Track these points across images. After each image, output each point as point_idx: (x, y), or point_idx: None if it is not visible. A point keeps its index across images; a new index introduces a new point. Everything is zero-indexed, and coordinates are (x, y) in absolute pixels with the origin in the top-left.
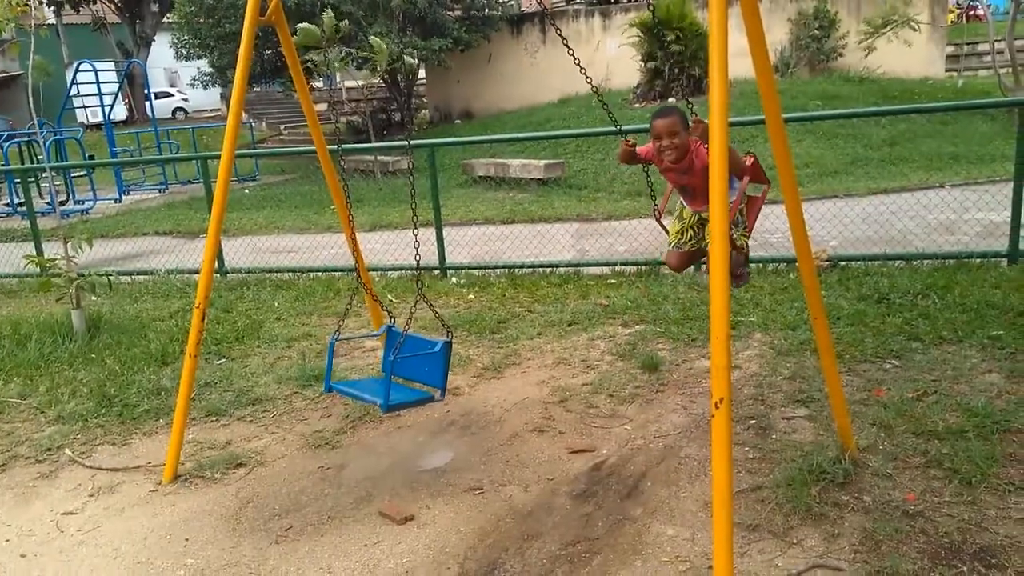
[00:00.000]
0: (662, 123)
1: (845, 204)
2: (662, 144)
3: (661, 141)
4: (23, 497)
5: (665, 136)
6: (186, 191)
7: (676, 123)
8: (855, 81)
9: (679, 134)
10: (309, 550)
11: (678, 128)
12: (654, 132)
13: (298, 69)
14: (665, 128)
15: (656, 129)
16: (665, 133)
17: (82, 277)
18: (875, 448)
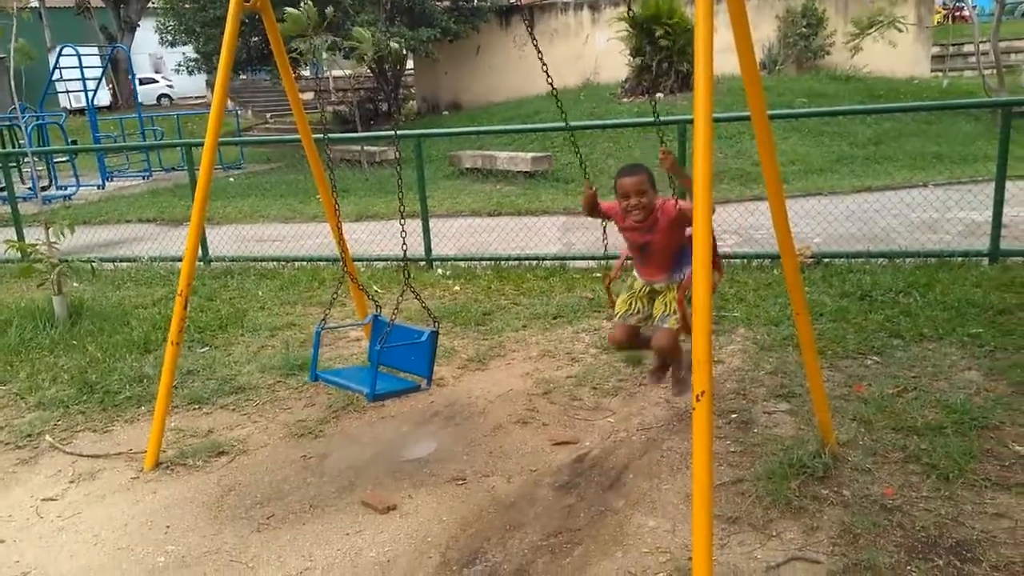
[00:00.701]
0: (630, 181)
1: (829, 202)
2: (629, 203)
3: (629, 200)
4: (2, 483)
5: (633, 195)
6: (170, 178)
7: (644, 181)
8: (842, 79)
9: (647, 192)
10: (291, 538)
11: (646, 187)
12: (621, 190)
13: (283, 56)
14: (633, 187)
15: (623, 187)
16: (633, 191)
17: (64, 263)
18: (855, 443)
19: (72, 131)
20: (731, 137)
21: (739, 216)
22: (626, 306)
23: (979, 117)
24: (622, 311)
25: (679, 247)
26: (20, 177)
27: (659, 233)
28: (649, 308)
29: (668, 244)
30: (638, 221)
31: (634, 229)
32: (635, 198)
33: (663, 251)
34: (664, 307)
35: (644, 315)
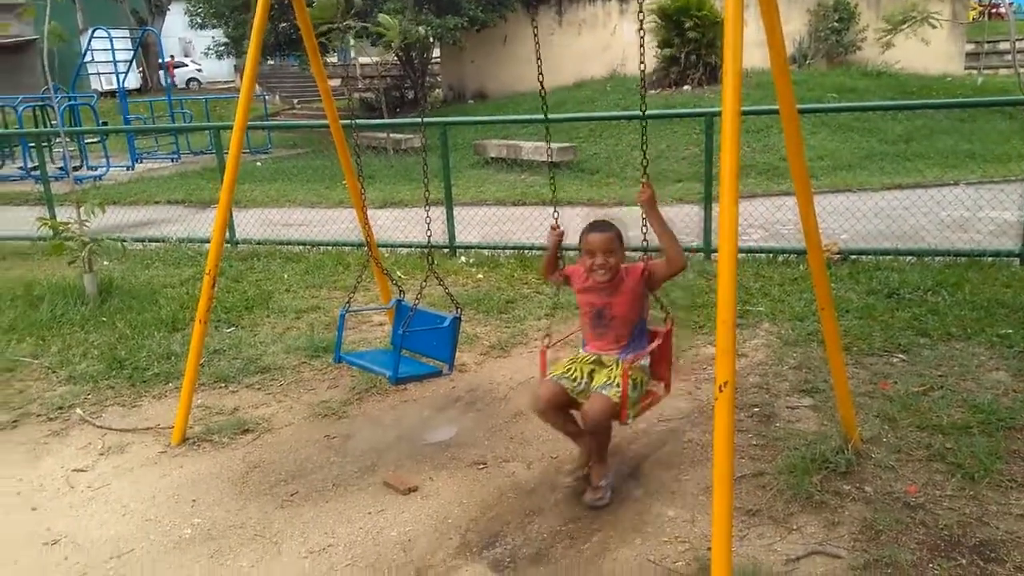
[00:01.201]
0: (599, 239)
1: (858, 198)
2: (595, 262)
3: (595, 258)
4: (34, 453)
5: (600, 253)
6: (198, 161)
7: (614, 240)
8: (873, 75)
9: (616, 252)
10: (314, 515)
11: (615, 245)
12: (587, 247)
13: (312, 42)
14: (602, 244)
15: (590, 244)
16: (601, 250)
17: (94, 242)
18: (878, 440)
19: (103, 113)
20: (759, 131)
21: (765, 211)
22: (564, 369)
23: (1014, 115)
24: (559, 372)
25: (638, 319)
26: (51, 157)
27: (621, 297)
28: (589, 383)
29: (628, 312)
30: (602, 282)
31: (594, 290)
32: (602, 256)
33: (622, 319)
34: (607, 378)
35: (581, 387)
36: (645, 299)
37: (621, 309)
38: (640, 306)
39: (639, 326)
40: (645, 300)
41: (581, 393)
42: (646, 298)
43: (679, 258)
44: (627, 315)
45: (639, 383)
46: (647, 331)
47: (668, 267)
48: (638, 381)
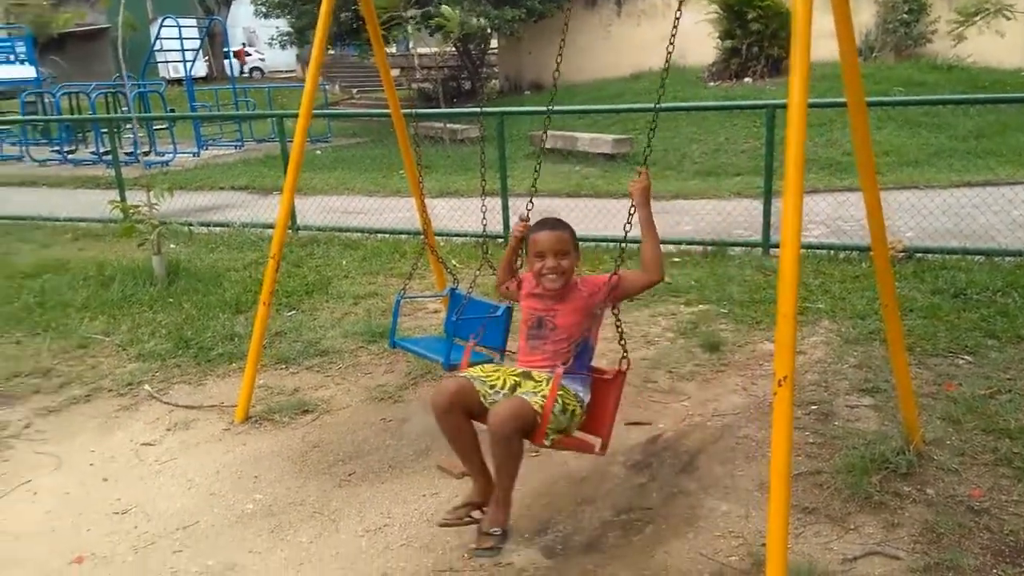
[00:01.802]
0: (549, 237)
1: (925, 195)
2: (545, 264)
3: (544, 261)
4: (106, 426)
5: (551, 255)
6: (261, 149)
7: (567, 240)
8: (943, 69)
9: (569, 255)
10: (370, 495)
11: (568, 247)
12: (535, 248)
13: (377, 32)
14: (552, 245)
15: (539, 244)
16: (552, 251)
17: (163, 225)
18: (941, 442)
19: (170, 100)
20: (821, 125)
21: (827, 207)
22: (484, 373)
23: None
24: (476, 373)
25: (582, 337)
26: (121, 142)
27: (569, 306)
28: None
29: (572, 326)
30: (552, 289)
31: (540, 297)
32: (552, 259)
33: (564, 331)
34: (533, 389)
35: (499, 397)
36: (596, 319)
37: (565, 320)
38: (588, 323)
39: (581, 346)
40: (596, 320)
41: (489, 398)
42: (598, 319)
43: (657, 268)
44: (570, 328)
45: (570, 410)
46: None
47: (643, 277)
48: (569, 407)
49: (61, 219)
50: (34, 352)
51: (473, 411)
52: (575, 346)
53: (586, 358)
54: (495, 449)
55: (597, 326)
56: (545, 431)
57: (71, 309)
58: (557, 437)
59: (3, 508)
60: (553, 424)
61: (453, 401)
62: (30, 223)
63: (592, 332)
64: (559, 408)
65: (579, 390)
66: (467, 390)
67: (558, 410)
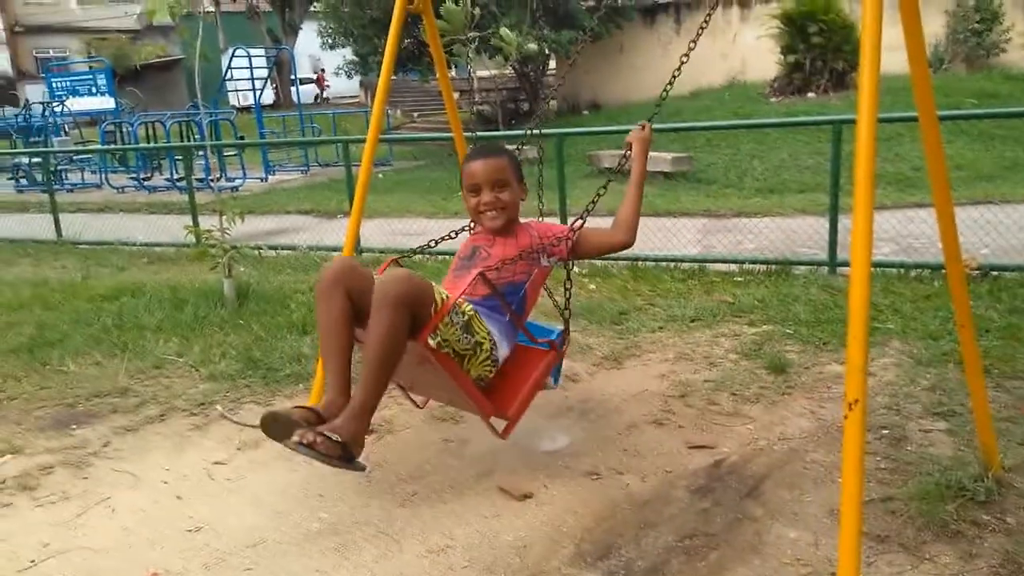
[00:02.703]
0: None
1: (1000, 210)
2: (481, 200)
3: (480, 195)
4: (179, 445)
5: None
6: (325, 173)
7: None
8: (1019, 79)
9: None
10: (432, 516)
11: (507, 175)
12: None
13: (440, 56)
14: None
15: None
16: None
17: (234, 249)
18: (1022, 468)
19: (240, 127)
20: (888, 139)
21: (896, 223)
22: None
23: None
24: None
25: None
26: (195, 168)
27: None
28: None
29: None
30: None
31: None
32: (489, 192)
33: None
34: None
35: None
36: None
37: (501, 251)
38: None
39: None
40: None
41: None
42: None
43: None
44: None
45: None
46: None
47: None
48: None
49: (137, 243)
50: (112, 372)
51: (362, 305)
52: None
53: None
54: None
55: (539, 279)
56: (432, 329)
57: (147, 331)
58: (447, 349)
59: (83, 524)
60: (448, 333)
61: (339, 279)
62: (108, 247)
63: (530, 284)
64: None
65: (494, 331)
66: (360, 273)
67: (460, 321)
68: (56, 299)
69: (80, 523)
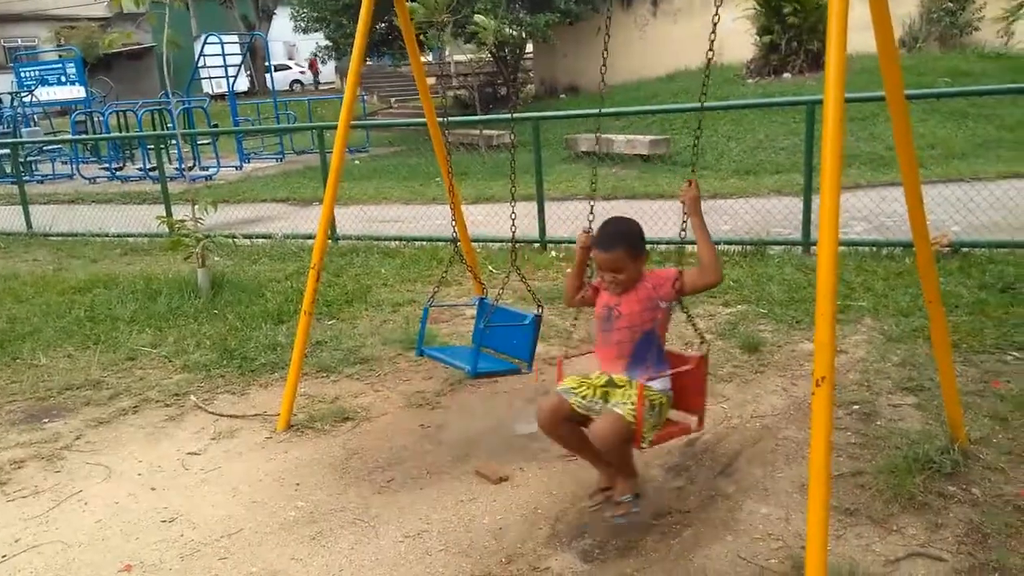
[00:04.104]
0: (603, 258)
1: (971, 188)
2: (604, 278)
3: (604, 276)
4: (153, 437)
5: (608, 272)
6: (301, 160)
7: (620, 259)
8: (991, 57)
9: (625, 269)
10: (409, 501)
11: (623, 264)
12: (597, 263)
13: (413, 42)
14: (608, 265)
15: (598, 262)
16: (608, 269)
17: (208, 238)
18: (988, 441)
19: (213, 115)
20: (864, 119)
21: (869, 202)
22: (575, 384)
23: None
24: (568, 386)
25: (649, 327)
26: (168, 158)
27: (631, 296)
28: (600, 403)
29: (635, 315)
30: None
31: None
32: (610, 275)
33: (628, 322)
34: (622, 398)
35: (590, 404)
36: (661, 311)
37: (628, 309)
38: (652, 314)
39: (646, 337)
40: (661, 312)
41: (593, 412)
42: (663, 311)
43: (715, 271)
44: (632, 316)
45: (657, 406)
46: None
47: (701, 277)
48: (656, 403)
49: (110, 234)
50: (85, 365)
51: (569, 419)
52: (640, 336)
53: (656, 353)
54: (606, 458)
55: (664, 320)
56: (641, 435)
57: (120, 322)
58: (653, 435)
59: (56, 518)
60: (647, 426)
61: (550, 419)
62: (80, 239)
63: (659, 325)
64: (648, 408)
65: (662, 387)
66: (559, 406)
67: (648, 411)
68: (27, 292)
69: (53, 517)
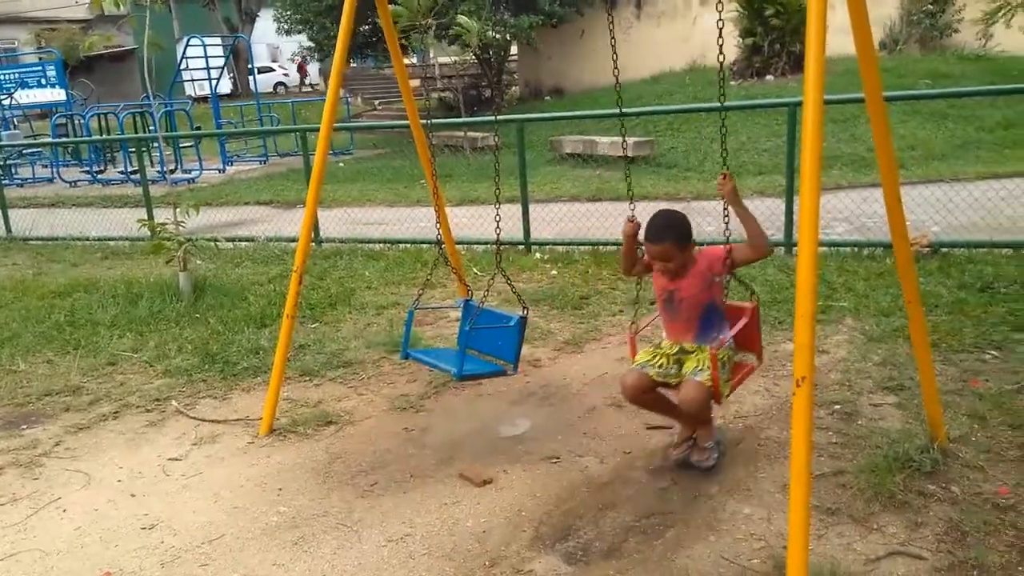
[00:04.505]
0: (653, 251)
1: (951, 188)
2: (655, 266)
3: (655, 264)
4: (133, 442)
5: (658, 261)
6: (284, 163)
7: (668, 250)
8: (970, 59)
9: (674, 259)
10: (393, 505)
11: (671, 254)
12: (647, 253)
13: (395, 44)
14: (658, 255)
15: (648, 252)
16: (658, 258)
17: (189, 241)
18: (967, 439)
19: (196, 118)
20: (845, 121)
21: (851, 203)
22: (649, 356)
23: None
24: (643, 360)
25: (707, 301)
26: (150, 161)
27: (688, 280)
28: (676, 369)
29: (695, 295)
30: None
31: (663, 274)
32: (660, 264)
33: (689, 302)
34: (696, 364)
35: (667, 372)
36: (717, 284)
37: (688, 292)
38: (710, 292)
39: (708, 308)
40: (716, 284)
41: (671, 377)
42: (718, 284)
43: (763, 243)
44: (694, 297)
45: (727, 362)
46: (721, 311)
47: (752, 251)
48: (726, 360)
49: (91, 238)
50: (64, 370)
51: (653, 389)
52: (703, 310)
53: (718, 318)
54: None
55: (719, 290)
56: (720, 393)
57: (100, 327)
58: (729, 388)
59: (34, 525)
60: (723, 383)
61: (635, 393)
62: (61, 243)
63: (717, 296)
64: (721, 369)
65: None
66: (641, 380)
67: (721, 371)
68: (6, 297)
69: (31, 524)
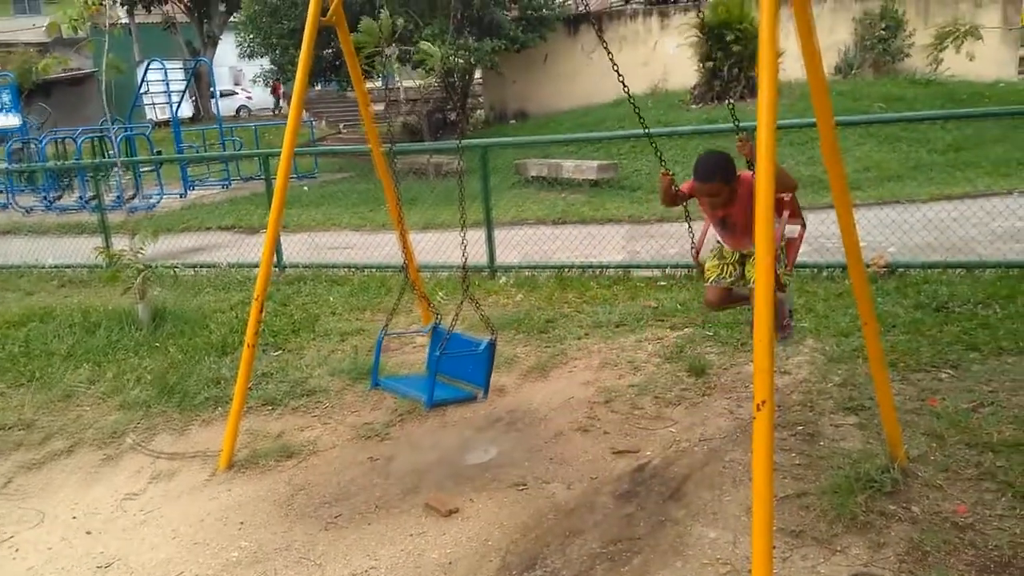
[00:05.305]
0: (702, 188)
1: (905, 210)
2: (704, 201)
3: (703, 198)
4: (88, 479)
5: (706, 196)
6: (248, 187)
7: (716, 187)
8: (922, 83)
9: (720, 193)
10: (357, 538)
11: (718, 189)
12: (696, 191)
13: (356, 69)
14: (706, 191)
15: (697, 190)
16: (706, 194)
17: (148, 269)
18: (926, 458)
19: (157, 142)
20: (803, 143)
21: (809, 225)
22: (717, 270)
23: None
24: (714, 275)
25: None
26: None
27: (737, 206)
28: (740, 271)
29: (747, 218)
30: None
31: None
32: (708, 199)
33: (744, 220)
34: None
35: (736, 277)
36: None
37: (740, 217)
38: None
39: None
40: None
41: (737, 283)
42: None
43: (790, 179)
44: (746, 219)
45: (780, 255)
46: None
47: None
48: (779, 255)
49: (47, 266)
50: (17, 404)
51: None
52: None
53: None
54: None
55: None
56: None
57: (56, 358)
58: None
59: None
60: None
61: (716, 301)
62: (15, 271)
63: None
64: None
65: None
66: (719, 291)
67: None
68: None
69: None
